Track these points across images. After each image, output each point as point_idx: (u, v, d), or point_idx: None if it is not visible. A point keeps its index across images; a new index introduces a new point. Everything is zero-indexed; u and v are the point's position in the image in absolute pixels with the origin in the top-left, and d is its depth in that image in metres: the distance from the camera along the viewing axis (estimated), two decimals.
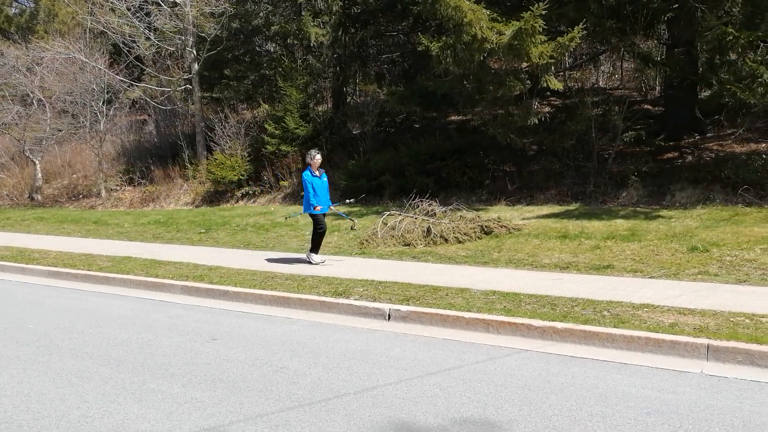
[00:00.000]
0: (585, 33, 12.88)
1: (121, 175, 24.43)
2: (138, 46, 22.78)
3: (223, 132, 20.72)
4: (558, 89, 14.70)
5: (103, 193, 23.76)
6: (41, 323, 7.80)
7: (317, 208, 10.23)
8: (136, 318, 7.98)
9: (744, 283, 7.64)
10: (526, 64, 14.45)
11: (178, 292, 9.39)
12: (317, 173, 10.42)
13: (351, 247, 11.88)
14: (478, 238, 11.56)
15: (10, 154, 27.61)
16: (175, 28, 21.75)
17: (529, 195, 14.93)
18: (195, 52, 21.93)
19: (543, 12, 12.11)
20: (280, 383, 5.30)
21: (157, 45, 22.49)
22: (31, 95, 25.35)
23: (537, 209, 13.68)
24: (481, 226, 11.80)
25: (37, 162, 25.64)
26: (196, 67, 22.04)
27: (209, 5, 20.79)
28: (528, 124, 13.88)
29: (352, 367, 5.67)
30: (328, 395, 4.99)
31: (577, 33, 12.54)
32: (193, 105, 23.38)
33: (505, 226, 11.82)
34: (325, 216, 10.62)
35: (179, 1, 21.39)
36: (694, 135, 15.32)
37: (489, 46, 12.73)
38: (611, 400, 4.68)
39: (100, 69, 23.31)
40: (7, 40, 31.50)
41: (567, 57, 17.67)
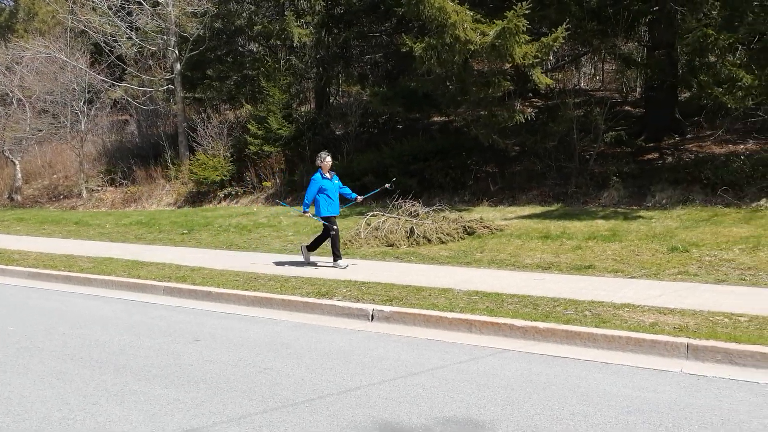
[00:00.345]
0: (567, 34, 12.98)
1: (102, 175, 24.24)
2: (119, 45, 22.62)
3: (205, 132, 20.63)
4: (546, 86, 14.77)
5: (84, 194, 23.57)
6: (21, 325, 7.72)
7: (307, 214, 10.02)
8: (118, 319, 7.93)
9: (723, 283, 7.74)
10: (509, 65, 14.52)
11: (161, 293, 9.34)
12: (328, 175, 10.07)
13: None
14: (461, 238, 11.61)
15: None
16: (157, 27, 21.62)
17: (512, 196, 15.01)
18: (177, 52, 21.82)
19: (526, 12, 12.19)
20: (263, 384, 5.29)
21: (139, 44, 22.34)
22: (10, 95, 25.09)
23: (519, 210, 13.76)
24: (464, 227, 11.85)
25: (16, 162, 25.38)
26: (179, 67, 21.93)
27: (191, 5, 20.69)
28: (514, 123, 13.95)
29: (336, 367, 5.67)
30: (312, 396, 4.99)
31: (561, 33, 12.64)
32: (175, 105, 23.25)
33: (487, 227, 11.89)
34: (336, 218, 10.23)
35: (161, 1, 21.25)
36: (674, 136, 15.48)
37: (472, 47, 12.79)
38: (593, 399, 4.72)
39: (81, 68, 23.12)
40: None
41: (550, 58, 17.77)
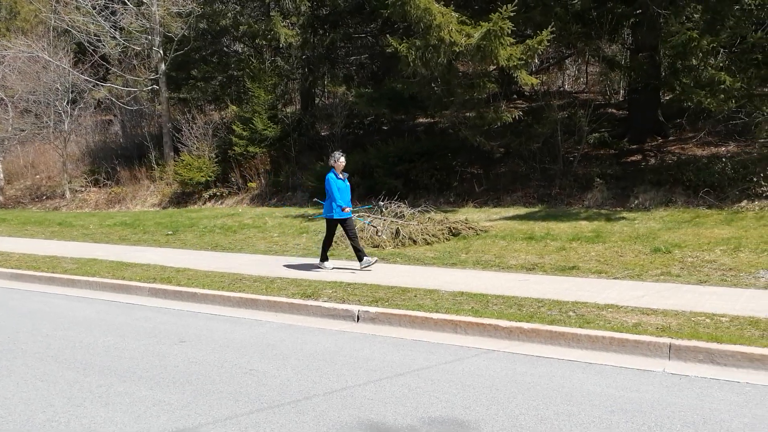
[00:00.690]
0: (552, 37, 13.07)
1: (86, 176, 24.07)
2: (103, 45, 22.49)
3: (190, 133, 20.55)
4: (530, 88, 14.87)
5: (68, 195, 23.39)
6: (4, 326, 7.66)
7: (346, 210, 9.59)
8: (102, 321, 7.89)
9: (705, 284, 7.83)
10: (494, 67, 14.61)
11: (146, 295, 9.30)
12: (342, 176, 9.73)
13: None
14: (446, 239, 11.65)
15: None
16: (142, 27, 21.50)
17: (496, 197, 15.09)
18: (162, 52, 21.71)
19: (511, 14, 12.26)
20: (249, 385, 5.29)
21: (123, 44, 22.21)
22: None
23: (504, 211, 13.83)
24: (449, 228, 11.89)
25: None
26: (163, 67, 21.82)
27: (176, 5, 20.60)
28: (500, 125, 14.03)
29: (322, 368, 5.68)
30: (298, 396, 5.00)
31: (546, 36, 12.73)
32: (159, 105, 23.14)
33: (472, 228, 11.94)
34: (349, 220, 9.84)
35: (145, 1, 21.15)
36: (657, 138, 15.64)
37: (457, 49, 12.85)
38: (576, 399, 4.77)
39: (65, 68, 22.94)
40: None
41: (535, 60, 17.88)
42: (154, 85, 22.52)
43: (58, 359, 6.23)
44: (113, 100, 24.11)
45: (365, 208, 12.88)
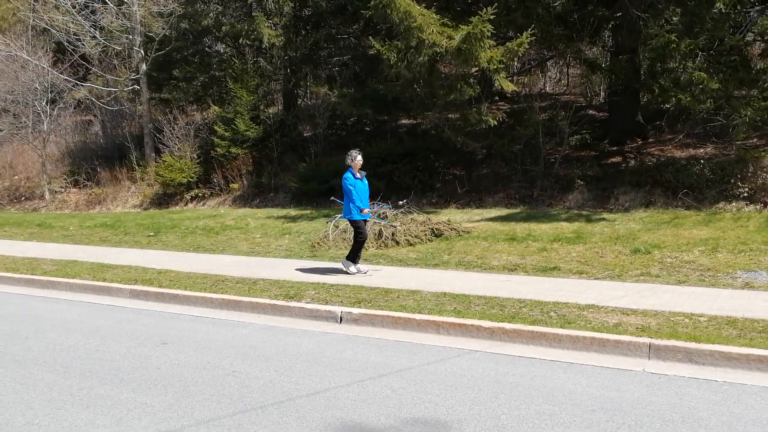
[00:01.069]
0: (533, 39, 13.15)
1: (65, 176, 23.83)
2: (83, 44, 22.27)
3: (172, 133, 20.42)
4: (512, 90, 14.97)
5: (47, 195, 23.15)
6: None
7: (364, 210, 9.42)
8: (82, 323, 7.83)
9: (683, 284, 7.93)
10: (475, 69, 14.67)
11: (127, 296, 9.24)
12: (359, 175, 9.54)
13: (302, 250, 11.87)
14: (429, 240, 11.68)
15: None
16: (122, 27, 21.33)
17: (479, 198, 15.15)
18: (143, 52, 21.56)
19: (491, 17, 12.32)
20: (232, 387, 5.29)
21: (104, 44, 22.01)
22: None
23: (486, 212, 13.90)
24: (432, 229, 11.93)
25: None
26: (144, 67, 21.67)
27: (157, 5, 20.47)
28: (484, 126, 14.09)
29: (305, 369, 5.69)
30: (281, 398, 5.00)
31: (526, 38, 12.80)
32: (140, 106, 22.95)
33: (455, 229, 11.99)
34: (366, 222, 9.76)
35: (126, 0, 20.99)
36: (637, 140, 15.79)
37: (439, 51, 12.90)
38: (558, 399, 4.82)
39: (44, 67, 22.71)
40: None
41: (516, 62, 17.99)
42: (135, 85, 22.34)
43: (38, 362, 6.18)
44: (93, 100, 23.88)
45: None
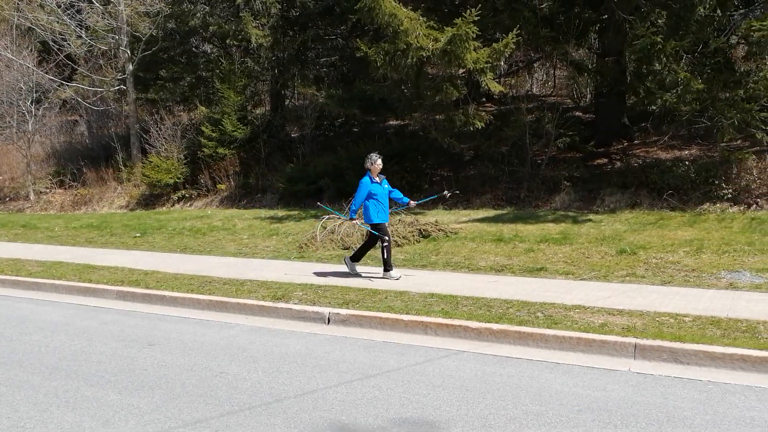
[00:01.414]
0: (520, 41, 13.22)
1: (51, 177, 23.65)
2: (69, 44, 22.13)
3: (158, 134, 20.32)
4: (499, 91, 14.99)
5: (32, 196, 22.97)
6: None
7: (354, 221, 9.31)
8: (68, 324, 7.78)
9: (669, 284, 8.00)
10: (462, 71, 14.71)
11: (113, 298, 9.20)
12: (377, 179, 9.29)
13: (290, 251, 11.86)
14: (417, 241, 11.71)
15: None
16: (108, 26, 21.20)
17: (466, 199, 15.19)
18: (129, 52, 21.45)
19: (476, 19, 12.37)
20: (219, 388, 5.28)
21: (89, 44, 21.88)
22: None
23: (473, 213, 13.94)
24: (420, 230, 11.96)
25: None
26: (131, 67, 21.56)
27: (143, 4, 20.39)
28: (473, 128, 14.12)
29: (292, 370, 5.69)
30: (269, 399, 5.00)
31: (511, 39, 12.86)
32: (127, 106, 22.82)
33: (442, 230, 12.02)
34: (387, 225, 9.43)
35: (112, 0, 20.88)
36: (623, 141, 15.89)
37: (425, 53, 12.93)
38: (545, 399, 4.85)
39: (28, 67, 22.53)
40: None
41: (503, 63, 18.04)
42: (122, 86, 22.20)
43: (23, 364, 6.14)
44: (79, 100, 23.71)
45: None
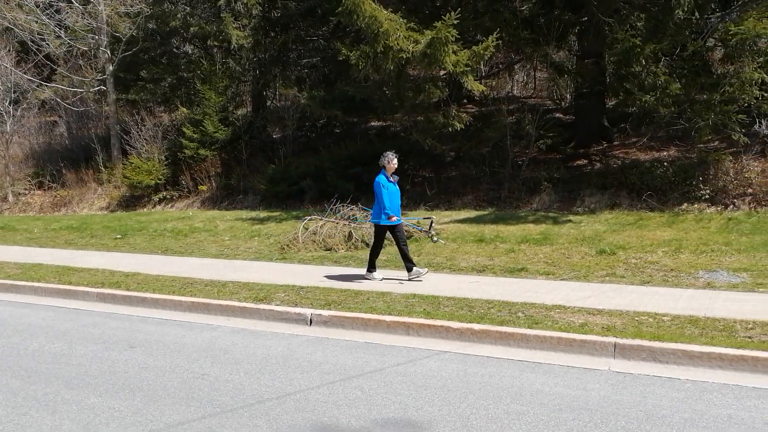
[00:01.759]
0: (501, 43, 13.29)
1: (29, 178, 23.42)
2: (48, 44, 21.92)
3: (139, 135, 20.20)
4: (480, 90, 15.06)
5: (11, 198, 22.72)
6: None
7: (392, 218, 8.96)
8: (48, 327, 7.71)
9: (648, 284, 8.09)
10: (443, 72, 14.77)
11: (94, 300, 9.12)
12: (392, 179, 9.19)
13: (271, 252, 11.84)
14: None
15: None
16: (88, 26, 21.03)
17: (447, 200, 15.25)
18: (109, 53, 21.29)
19: (456, 22, 12.42)
20: (201, 390, 5.27)
21: (69, 44, 21.69)
22: None
23: (455, 214, 14.00)
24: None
25: None
26: (111, 67, 21.40)
27: (124, 5, 20.26)
28: (453, 129, 14.17)
29: (275, 372, 5.69)
30: (251, 401, 5.00)
31: (492, 42, 12.93)
32: (107, 107, 22.64)
33: (424, 231, 12.04)
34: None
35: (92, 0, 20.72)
36: (603, 143, 16.04)
37: (405, 55, 12.96)
38: (526, 398, 4.89)
39: (6, 67, 22.33)
40: None
41: (483, 66, 18.13)
42: (102, 86, 22.04)
43: (1, 367, 6.08)
44: (58, 100, 23.51)
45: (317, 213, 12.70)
